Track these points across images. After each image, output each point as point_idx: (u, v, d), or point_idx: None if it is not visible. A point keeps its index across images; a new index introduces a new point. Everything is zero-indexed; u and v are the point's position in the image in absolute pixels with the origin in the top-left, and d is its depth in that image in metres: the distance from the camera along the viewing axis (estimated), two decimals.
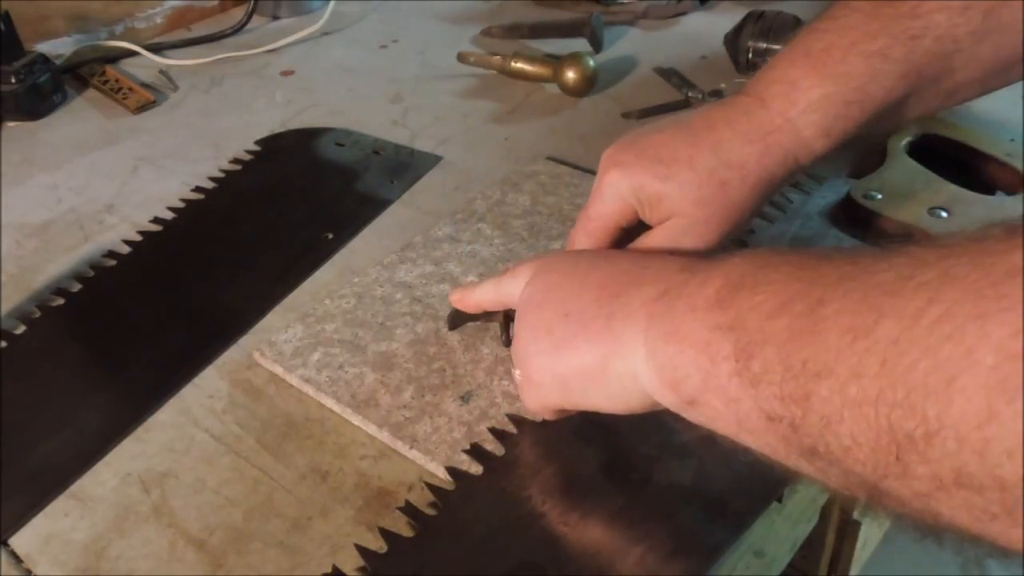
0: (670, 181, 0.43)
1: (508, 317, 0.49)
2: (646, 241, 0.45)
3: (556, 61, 0.77)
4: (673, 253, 0.43)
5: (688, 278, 0.34)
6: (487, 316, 0.49)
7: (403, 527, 0.40)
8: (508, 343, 0.49)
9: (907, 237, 0.53)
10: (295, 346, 0.50)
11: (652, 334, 0.34)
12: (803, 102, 0.42)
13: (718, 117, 0.44)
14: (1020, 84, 0.67)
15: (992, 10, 0.40)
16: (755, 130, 0.43)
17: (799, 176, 0.45)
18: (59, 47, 0.88)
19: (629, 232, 0.46)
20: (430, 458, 0.43)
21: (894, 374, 0.23)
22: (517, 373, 0.41)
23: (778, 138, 0.42)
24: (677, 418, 0.33)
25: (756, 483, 0.40)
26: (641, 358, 0.34)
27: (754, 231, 0.56)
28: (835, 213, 0.57)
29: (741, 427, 0.30)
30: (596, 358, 0.36)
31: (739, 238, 0.52)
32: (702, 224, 0.43)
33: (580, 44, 0.83)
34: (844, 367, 0.25)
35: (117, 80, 0.84)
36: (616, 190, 0.44)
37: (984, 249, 0.23)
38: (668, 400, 0.34)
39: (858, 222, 0.55)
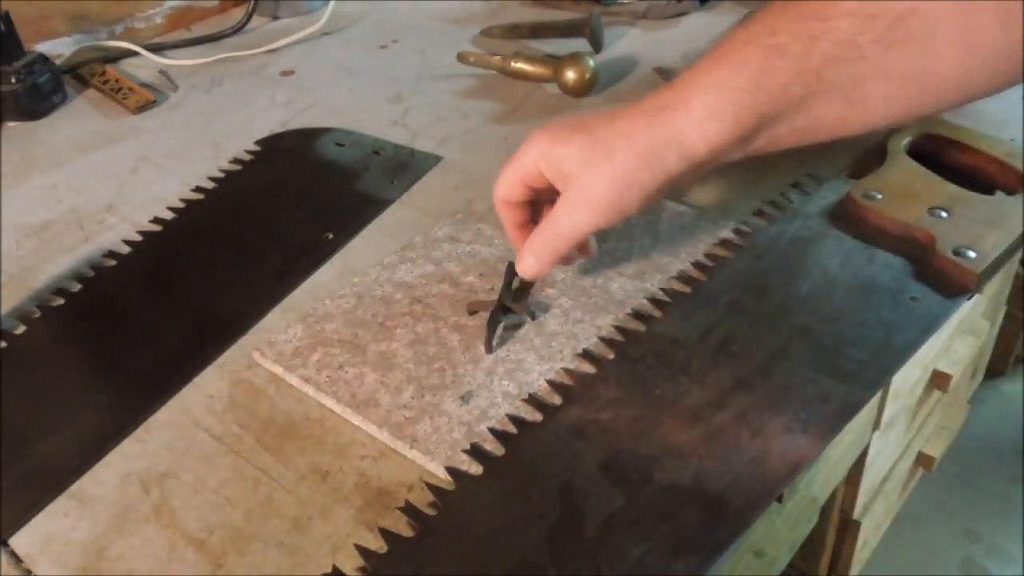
0: (568, 144, 0.46)
1: (494, 321, 0.49)
2: (553, 212, 0.48)
3: (556, 61, 0.77)
4: None
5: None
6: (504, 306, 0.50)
7: (403, 527, 0.40)
8: (490, 350, 0.49)
9: (907, 238, 0.53)
10: (295, 346, 0.50)
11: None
12: (699, 86, 0.44)
13: (635, 102, 0.47)
14: (1021, 83, 0.68)
15: (900, 19, 0.40)
16: (651, 106, 0.45)
17: (699, 170, 0.46)
18: (59, 47, 0.88)
19: (539, 198, 0.50)
20: (430, 458, 0.43)
21: None
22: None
23: (669, 114, 0.44)
24: (676, 417, 0.33)
25: (756, 483, 0.40)
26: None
27: (749, 231, 0.56)
28: (835, 213, 0.57)
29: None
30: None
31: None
32: (590, 187, 0.46)
33: (580, 44, 0.83)
34: None
35: (117, 80, 0.84)
36: (526, 149, 0.48)
37: None
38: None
39: (858, 222, 0.55)
